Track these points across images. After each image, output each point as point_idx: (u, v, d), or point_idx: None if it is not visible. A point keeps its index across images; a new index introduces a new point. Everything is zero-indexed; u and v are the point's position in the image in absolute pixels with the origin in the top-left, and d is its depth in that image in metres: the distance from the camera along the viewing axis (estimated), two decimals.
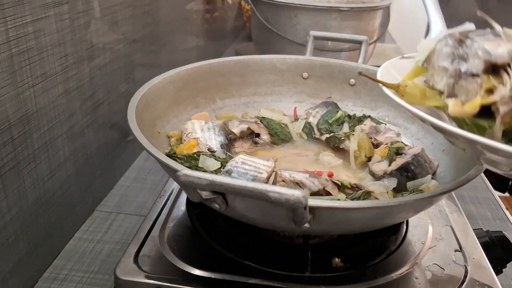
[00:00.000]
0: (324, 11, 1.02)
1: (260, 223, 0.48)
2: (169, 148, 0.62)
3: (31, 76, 0.53)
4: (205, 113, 0.70)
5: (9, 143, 0.50)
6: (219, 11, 1.43)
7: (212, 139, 0.61)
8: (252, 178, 0.51)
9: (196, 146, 0.60)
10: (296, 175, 0.51)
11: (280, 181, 0.51)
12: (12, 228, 0.52)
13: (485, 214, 0.77)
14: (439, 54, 0.38)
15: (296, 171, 0.52)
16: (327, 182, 0.51)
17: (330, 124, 0.69)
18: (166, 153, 0.59)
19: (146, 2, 0.84)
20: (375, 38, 1.14)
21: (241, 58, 0.75)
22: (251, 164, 0.52)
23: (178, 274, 0.48)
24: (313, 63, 0.77)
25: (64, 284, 0.57)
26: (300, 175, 0.51)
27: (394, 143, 0.63)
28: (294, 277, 0.48)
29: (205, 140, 0.60)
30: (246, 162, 0.53)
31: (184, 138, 0.62)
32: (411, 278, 0.49)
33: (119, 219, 0.70)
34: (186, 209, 0.58)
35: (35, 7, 0.52)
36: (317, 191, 0.50)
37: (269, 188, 0.36)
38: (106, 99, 0.72)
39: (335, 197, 0.50)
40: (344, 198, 0.50)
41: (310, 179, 0.50)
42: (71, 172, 0.64)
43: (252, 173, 0.51)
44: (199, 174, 0.38)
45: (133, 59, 0.81)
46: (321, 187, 0.50)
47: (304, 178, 0.50)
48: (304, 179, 0.50)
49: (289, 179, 0.51)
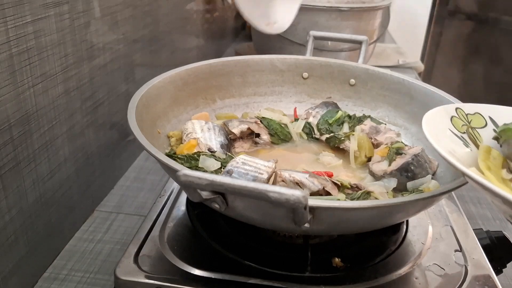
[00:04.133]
0: (324, 11, 1.02)
1: (260, 223, 0.48)
2: (169, 148, 0.62)
3: (31, 76, 0.53)
4: (205, 113, 0.70)
5: (9, 143, 0.50)
6: (219, 11, 1.43)
7: (212, 139, 0.61)
8: (252, 178, 0.51)
9: (196, 146, 0.60)
10: (296, 175, 0.51)
11: (280, 181, 0.51)
12: (12, 228, 0.52)
13: (485, 214, 0.77)
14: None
15: (296, 171, 0.52)
16: (326, 182, 0.51)
17: (330, 124, 0.69)
18: (166, 153, 0.59)
19: (146, 2, 0.84)
20: (375, 38, 1.14)
21: (241, 58, 0.75)
22: (251, 164, 0.52)
23: (178, 274, 0.48)
24: (313, 63, 0.77)
25: (64, 284, 0.57)
26: (300, 175, 0.51)
27: (394, 143, 0.63)
28: (294, 277, 0.48)
29: (205, 140, 0.60)
30: (247, 162, 0.53)
31: (184, 138, 0.61)
32: (411, 278, 0.49)
33: (119, 219, 0.70)
34: (186, 209, 0.58)
35: (35, 7, 0.52)
36: (317, 191, 0.50)
37: (269, 188, 0.36)
38: (106, 99, 0.72)
39: (335, 197, 0.50)
40: (344, 198, 0.50)
41: (310, 179, 0.50)
42: (71, 172, 0.64)
43: (252, 173, 0.51)
44: (199, 174, 0.38)
45: (133, 59, 0.81)
46: (321, 187, 0.50)
47: (304, 178, 0.50)
48: (304, 179, 0.50)
49: (289, 179, 0.51)
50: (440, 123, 0.43)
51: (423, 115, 0.66)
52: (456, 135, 0.43)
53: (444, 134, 0.42)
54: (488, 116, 0.48)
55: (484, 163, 0.39)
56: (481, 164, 0.39)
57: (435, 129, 0.41)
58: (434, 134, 0.40)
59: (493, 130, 0.46)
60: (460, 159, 0.40)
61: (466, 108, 0.47)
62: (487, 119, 0.47)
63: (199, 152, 0.58)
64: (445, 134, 0.42)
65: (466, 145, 0.43)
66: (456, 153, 0.40)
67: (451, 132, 0.43)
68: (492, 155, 0.41)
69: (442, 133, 0.42)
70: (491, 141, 0.45)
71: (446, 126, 0.44)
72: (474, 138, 0.45)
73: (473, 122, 0.47)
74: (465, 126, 0.45)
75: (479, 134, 0.46)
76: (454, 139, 0.43)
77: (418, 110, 0.68)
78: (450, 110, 0.46)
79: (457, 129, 0.44)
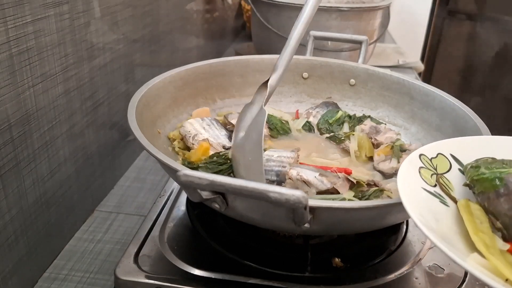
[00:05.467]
0: (324, 11, 1.02)
1: (260, 223, 0.48)
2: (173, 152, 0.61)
3: (31, 76, 0.53)
4: (206, 109, 0.70)
5: (9, 143, 0.50)
6: (219, 11, 1.43)
7: (219, 136, 0.61)
8: (276, 174, 0.52)
9: (210, 147, 0.59)
10: (304, 174, 0.51)
11: (287, 178, 0.51)
12: (12, 228, 0.52)
13: None
14: None
15: (307, 168, 0.52)
16: (337, 180, 0.50)
17: (330, 124, 0.69)
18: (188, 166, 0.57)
19: (146, 2, 0.84)
20: (375, 38, 1.14)
21: (241, 58, 0.75)
22: (275, 159, 0.54)
23: (178, 274, 0.48)
24: (313, 63, 0.77)
25: (64, 284, 0.57)
26: (309, 173, 0.51)
27: (395, 141, 0.63)
28: (294, 277, 0.48)
29: (214, 138, 0.60)
30: (271, 158, 0.54)
31: (192, 142, 0.60)
32: (411, 278, 0.49)
33: (119, 219, 0.70)
34: (186, 209, 0.58)
35: (35, 7, 0.52)
36: (326, 190, 0.50)
37: (269, 188, 0.36)
38: (106, 99, 0.72)
39: (337, 197, 0.49)
40: (352, 196, 0.50)
41: (319, 178, 0.50)
42: (71, 172, 0.64)
43: (276, 169, 0.53)
44: (199, 174, 0.38)
45: (133, 59, 0.81)
46: (330, 186, 0.49)
47: (312, 177, 0.50)
48: (312, 178, 0.50)
49: (296, 177, 0.51)
50: (413, 184, 0.40)
51: (423, 115, 0.67)
52: (430, 193, 0.40)
53: (421, 199, 0.39)
54: (449, 154, 0.45)
55: (479, 241, 0.35)
56: (477, 242, 0.35)
57: (412, 196, 0.38)
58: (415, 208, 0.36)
59: (459, 171, 0.44)
60: (443, 226, 0.37)
61: (428, 151, 0.44)
62: (449, 159, 0.45)
63: (217, 153, 0.58)
64: (422, 197, 0.39)
65: (443, 202, 0.40)
66: (436, 216, 0.37)
67: (425, 191, 0.40)
68: (475, 215, 0.38)
69: (420, 198, 0.39)
70: (462, 189, 0.42)
71: (418, 185, 0.40)
72: (445, 188, 0.42)
73: (439, 168, 0.44)
74: (434, 175, 0.42)
75: (449, 181, 0.43)
76: (430, 200, 0.39)
77: (418, 110, 0.68)
78: (415, 161, 0.43)
79: (428, 184, 0.41)
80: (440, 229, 0.36)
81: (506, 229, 0.36)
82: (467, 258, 0.33)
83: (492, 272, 0.33)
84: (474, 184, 0.40)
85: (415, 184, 0.40)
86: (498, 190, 0.37)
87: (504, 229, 0.36)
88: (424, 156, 0.44)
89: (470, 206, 0.39)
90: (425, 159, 0.43)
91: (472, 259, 0.34)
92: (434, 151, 0.45)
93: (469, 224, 0.37)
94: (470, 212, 0.38)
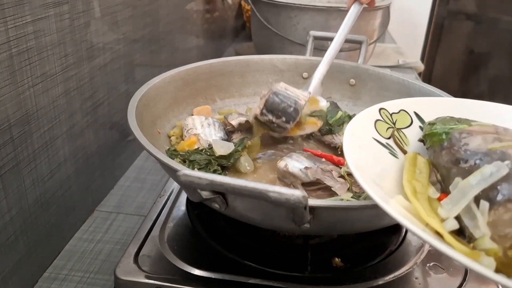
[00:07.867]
0: (324, 11, 1.02)
1: (260, 223, 0.48)
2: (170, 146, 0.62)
3: (31, 76, 0.53)
4: (207, 107, 0.70)
5: (9, 143, 0.50)
6: (219, 11, 1.43)
7: (213, 135, 0.61)
8: (293, 102, 0.58)
9: (197, 142, 0.60)
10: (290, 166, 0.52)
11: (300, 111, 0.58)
12: (12, 228, 0.52)
13: None
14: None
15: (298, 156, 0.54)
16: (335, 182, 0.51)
17: (330, 124, 0.69)
18: (167, 150, 0.59)
19: (146, 2, 0.84)
20: (375, 38, 1.14)
21: (241, 58, 0.75)
22: (292, 91, 0.59)
23: (178, 274, 0.48)
24: (313, 63, 0.76)
25: (64, 284, 0.57)
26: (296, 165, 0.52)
27: None
28: (294, 277, 0.48)
29: (206, 136, 0.61)
30: (288, 88, 0.60)
31: (185, 134, 0.62)
32: (411, 278, 0.49)
33: (119, 219, 0.70)
34: (186, 209, 0.58)
35: (35, 7, 0.52)
36: (309, 182, 0.50)
37: (269, 188, 0.36)
38: (106, 99, 0.72)
39: (337, 197, 0.50)
40: (350, 196, 0.50)
41: (304, 170, 0.52)
42: (71, 172, 0.64)
43: (293, 97, 0.58)
44: (200, 174, 0.38)
45: (133, 59, 0.81)
46: (314, 179, 0.50)
47: (297, 169, 0.52)
48: (297, 171, 0.52)
49: (283, 169, 0.53)
50: (362, 133, 0.40)
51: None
52: (381, 143, 0.40)
53: (367, 146, 0.39)
54: (413, 111, 0.45)
55: (409, 186, 0.36)
56: (406, 187, 0.35)
57: (356, 144, 0.38)
58: (353, 154, 0.36)
59: (419, 128, 0.44)
60: (387, 174, 0.37)
61: (391, 107, 0.45)
62: (412, 115, 0.45)
63: (200, 148, 0.59)
64: (369, 145, 0.39)
65: (392, 154, 0.40)
66: (382, 166, 0.37)
67: (376, 140, 0.40)
68: (418, 166, 0.38)
69: (365, 146, 0.39)
70: (417, 144, 0.42)
71: (369, 134, 0.40)
72: (400, 142, 0.42)
73: (398, 122, 0.44)
74: (390, 129, 0.43)
75: (405, 136, 0.43)
76: (378, 149, 0.40)
77: None
78: (373, 113, 0.43)
79: (381, 135, 0.41)
80: (380, 176, 0.36)
81: (443, 180, 0.36)
82: (390, 200, 0.33)
83: (415, 217, 0.32)
84: (426, 138, 0.41)
85: (365, 134, 0.40)
86: (442, 143, 0.38)
87: (442, 181, 0.37)
88: (384, 110, 0.44)
89: (416, 159, 0.40)
90: (384, 113, 0.44)
91: (395, 200, 0.33)
92: (396, 107, 0.45)
93: (406, 172, 0.37)
94: (414, 163, 0.39)
